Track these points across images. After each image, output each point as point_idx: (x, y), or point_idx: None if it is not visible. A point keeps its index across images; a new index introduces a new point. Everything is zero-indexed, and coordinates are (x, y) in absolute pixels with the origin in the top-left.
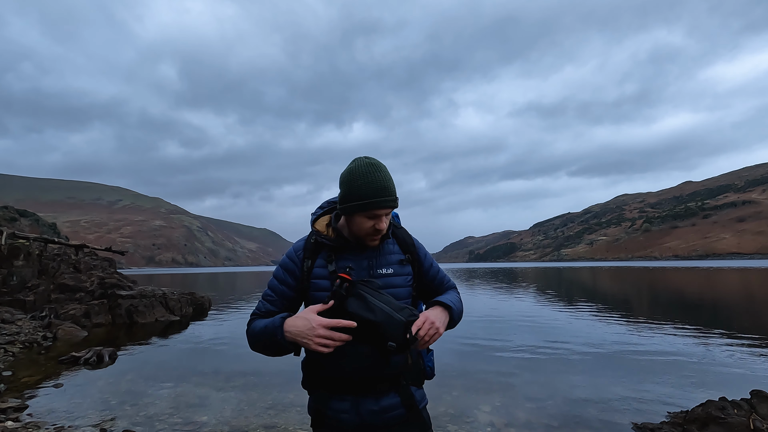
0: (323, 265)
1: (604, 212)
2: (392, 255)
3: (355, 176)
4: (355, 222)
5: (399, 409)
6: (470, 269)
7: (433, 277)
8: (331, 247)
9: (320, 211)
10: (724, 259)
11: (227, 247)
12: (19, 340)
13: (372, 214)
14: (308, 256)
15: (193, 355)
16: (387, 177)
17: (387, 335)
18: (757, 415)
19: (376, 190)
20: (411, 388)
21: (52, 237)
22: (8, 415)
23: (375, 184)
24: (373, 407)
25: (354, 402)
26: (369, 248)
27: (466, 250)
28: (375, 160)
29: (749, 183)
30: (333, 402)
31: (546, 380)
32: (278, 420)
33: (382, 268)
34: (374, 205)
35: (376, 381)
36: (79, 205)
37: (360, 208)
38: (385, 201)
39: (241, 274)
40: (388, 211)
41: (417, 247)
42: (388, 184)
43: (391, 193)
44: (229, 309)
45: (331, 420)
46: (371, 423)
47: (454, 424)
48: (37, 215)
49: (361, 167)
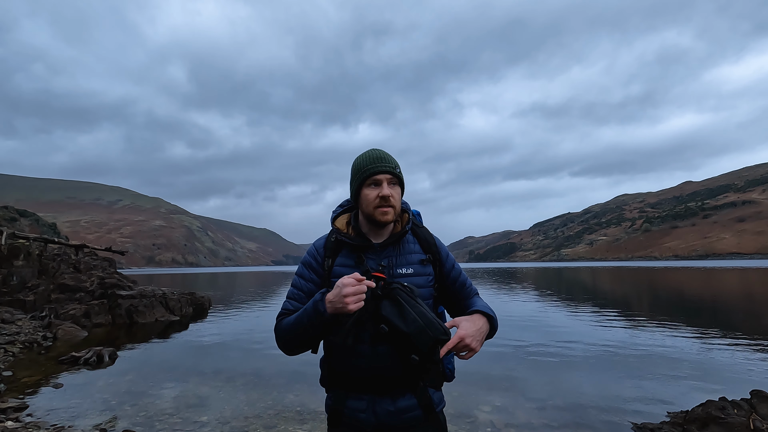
0: (344, 264)
1: (604, 212)
2: (413, 254)
3: (357, 160)
4: (363, 198)
5: (416, 410)
6: (470, 269)
7: (455, 279)
8: (352, 246)
9: (340, 210)
10: (724, 259)
11: (227, 247)
12: (19, 340)
13: (373, 181)
14: (329, 255)
15: (193, 355)
16: (385, 153)
17: (413, 348)
18: (757, 415)
19: (373, 159)
20: (429, 391)
21: (52, 237)
22: (8, 415)
23: (372, 155)
24: (389, 408)
25: (371, 401)
26: (389, 247)
27: (466, 250)
28: (378, 149)
29: (749, 183)
30: (350, 401)
31: (546, 380)
32: (278, 420)
33: (402, 267)
34: (371, 170)
35: (393, 382)
36: (79, 205)
37: (361, 179)
38: (381, 166)
39: (241, 274)
40: (388, 177)
41: (439, 247)
42: (385, 155)
43: (389, 161)
44: (229, 309)
45: (348, 419)
46: (388, 423)
47: (454, 424)
48: (37, 215)
49: (364, 152)
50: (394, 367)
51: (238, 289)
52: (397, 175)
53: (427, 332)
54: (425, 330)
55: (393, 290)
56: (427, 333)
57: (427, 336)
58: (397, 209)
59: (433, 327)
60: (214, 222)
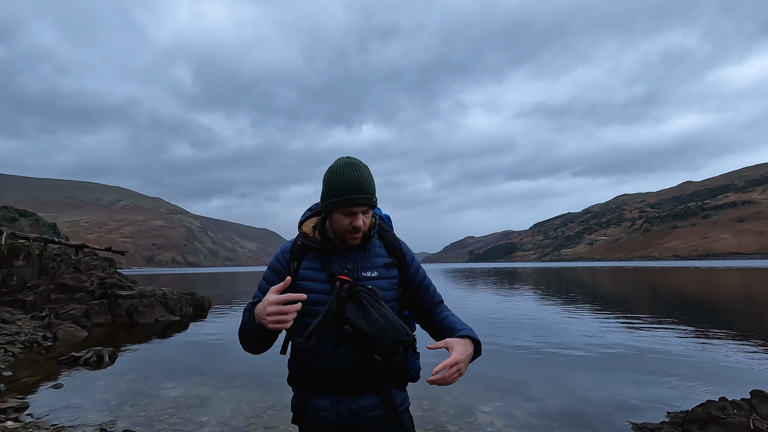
0: (309, 267)
1: (604, 212)
2: (378, 258)
3: (332, 174)
4: (334, 219)
5: (378, 409)
6: (470, 269)
7: (419, 283)
8: (317, 250)
9: (308, 213)
10: (724, 259)
11: (227, 247)
12: (19, 340)
13: (348, 211)
14: (294, 258)
15: (193, 355)
16: (364, 175)
17: (375, 349)
18: (757, 415)
19: (352, 188)
20: (392, 390)
21: (52, 237)
22: (8, 415)
23: (351, 182)
24: (351, 406)
25: (334, 400)
26: (355, 251)
27: (466, 250)
28: (355, 159)
29: (749, 183)
30: (314, 399)
31: (546, 380)
32: (278, 420)
33: (367, 270)
34: (349, 201)
35: (356, 381)
36: (79, 205)
37: (335, 205)
38: (359, 198)
39: (241, 274)
40: (365, 209)
41: (404, 251)
42: (365, 183)
43: (367, 191)
44: (229, 309)
45: (311, 417)
46: (349, 421)
47: (454, 424)
48: (37, 215)
49: (339, 166)
50: (356, 367)
51: (238, 289)
52: (373, 204)
53: (389, 333)
54: (387, 331)
55: (357, 293)
56: (389, 334)
57: (389, 337)
58: (366, 231)
59: (395, 328)
60: (214, 222)
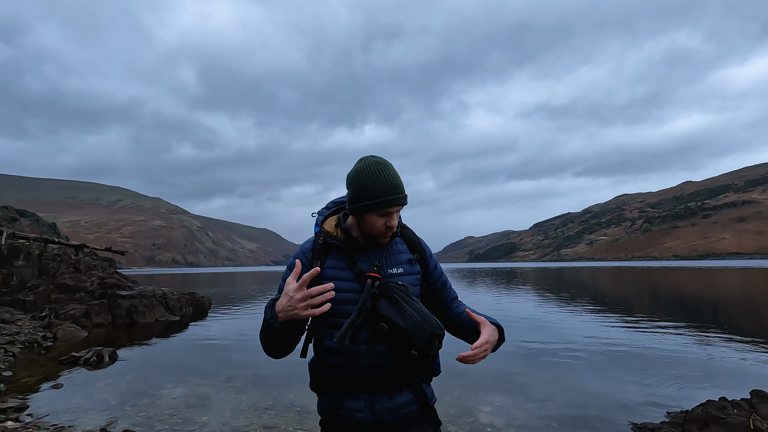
0: (334, 266)
1: (604, 212)
2: (401, 254)
3: (364, 175)
4: (367, 221)
5: (413, 405)
6: (470, 269)
7: (436, 279)
8: (341, 248)
9: (327, 212)
10: (724, 259)
11: (227, 247)
12: (19, 340)
13: (384, 212)
14: (317, 257)
15: (193, 355)
16: (395, 174)
17: (413, 343)
18: (757, 415)
19: (387, 188)
20: (422, 385)
21: (52, 237)
22: (8, 415)
23: (385, 182)
24: (388, 405)
25: (368, 400)
26: (378, 248)
27: (466, 250)
28: (382, 159)
29: (749, 183)
30: (347, 402)
31: (546, 380)
32: (278, 420)
33: (393, 267)
34: (386, 203)
35: (390, 379)
36: (79, 205)
37: (371, 207)
38: (396, 198)
39: (241, 274)
40: (399, 209)
41: (424, 247)
42: (398, 182)
43: (401, 191)
44: (229, 309)
45: (345, 420)
46: (386, 420)
47: (454, 424)
48: (37, 215)
49: (369, 166)
50: (392, 364)
51: (238, 289)
52: (406, 203)
53: (425, 327)
54: (422, 325)
55: (389, 289)
56: (425, 328)
57: (425, 331)
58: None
59: (429, 322)
60: (214, 222)
